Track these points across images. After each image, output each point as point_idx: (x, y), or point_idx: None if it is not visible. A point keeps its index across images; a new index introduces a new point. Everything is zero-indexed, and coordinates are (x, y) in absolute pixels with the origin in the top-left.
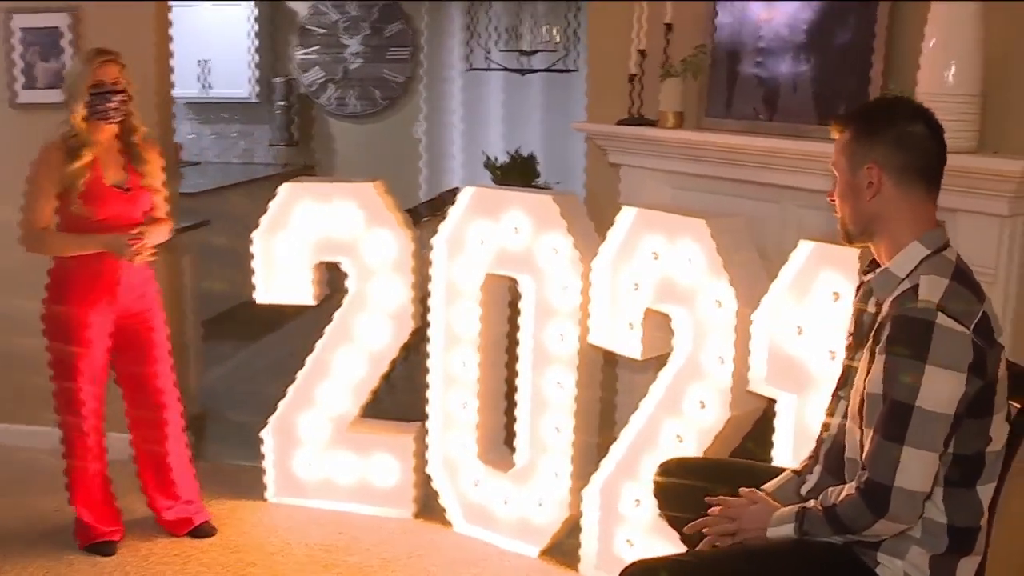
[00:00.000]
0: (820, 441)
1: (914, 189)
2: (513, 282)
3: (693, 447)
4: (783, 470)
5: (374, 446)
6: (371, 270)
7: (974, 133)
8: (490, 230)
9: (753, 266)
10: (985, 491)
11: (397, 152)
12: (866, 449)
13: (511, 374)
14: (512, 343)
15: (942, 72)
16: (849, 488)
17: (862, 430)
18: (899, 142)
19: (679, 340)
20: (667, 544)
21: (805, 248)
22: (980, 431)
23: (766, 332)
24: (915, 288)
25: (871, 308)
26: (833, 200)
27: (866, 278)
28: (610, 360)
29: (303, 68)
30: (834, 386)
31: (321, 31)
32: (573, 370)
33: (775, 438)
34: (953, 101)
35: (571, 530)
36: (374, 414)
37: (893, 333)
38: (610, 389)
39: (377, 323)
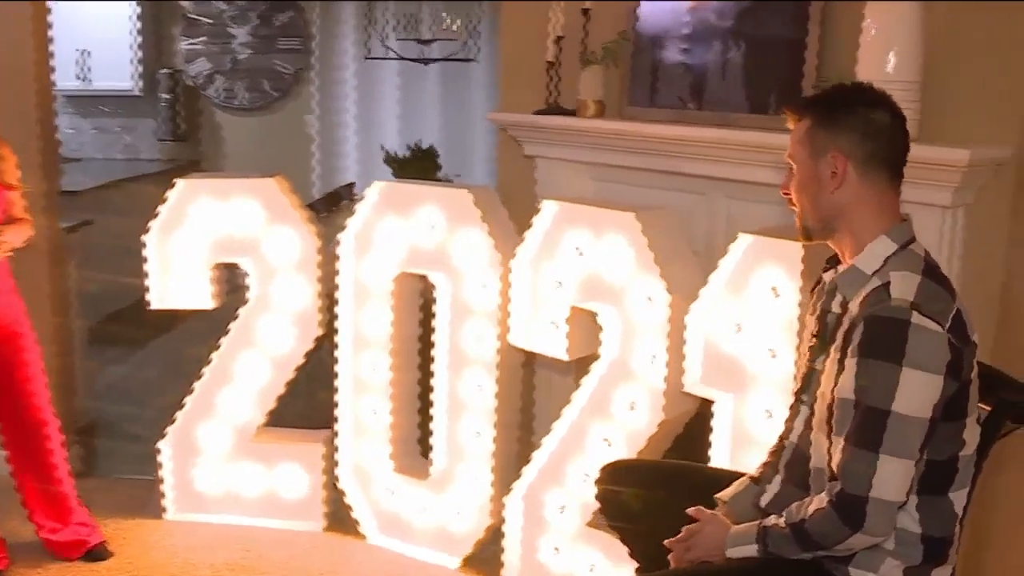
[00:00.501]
0: (779, 448)
1: (879, 180)
2: (426, 281)
3: (623, 451)
4: (737, 474)
5: (280, 456)
6: (273, 270)
7: (915, 122)
8: (401, 226)
9: (686, 261)
10: (958, 497)
11: (289, 146)
12: (837, 459)
13: (426, 377)
14: (426, 345)
15: (882, 59)
16: (819, 501)
17: (830, 439)
18: (864, 130)
19: (607, 339)
20: (594, 551)
21: (743, 241)
22: (954, 435)
23: (702, 330)
24: (886, 286)
25: (836, 308)
26: (787, 194)
27: (827, 276)
28: (528, 362)
29: (189, 59)
30: (794, 390)
31: (207, 21)
32: (493, 372)
33: (712, 440)
34: (893, 88)
35: (493, 538)
36: (278, 422)
37: (865, 335)
38: (529, 392)
39: (281, 326)
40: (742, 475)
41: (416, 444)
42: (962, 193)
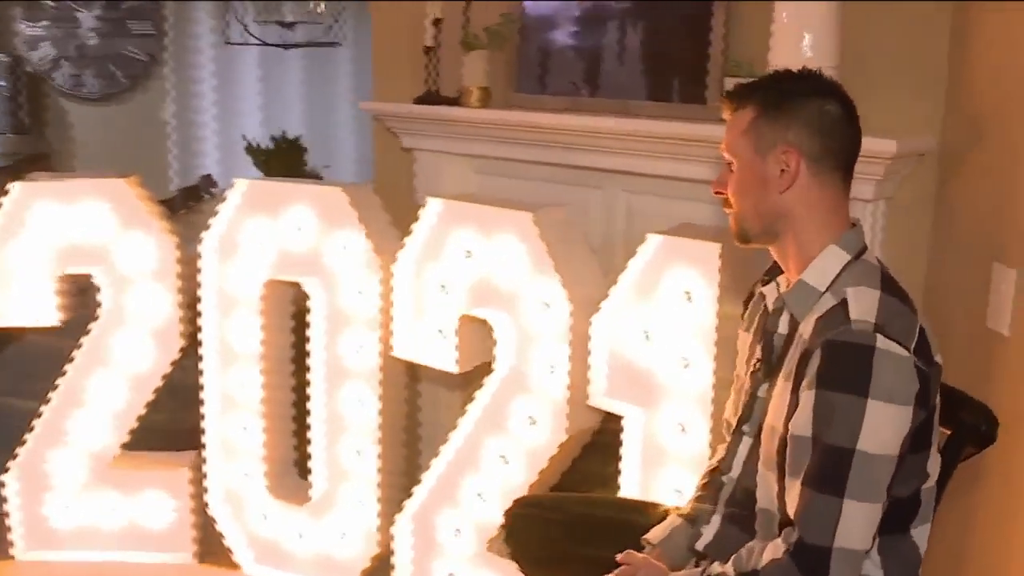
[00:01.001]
0: (713, 482)
1: (832, 180)
2: (299, 288)
3: (522, 468)
4: (661, 509)
5: (142, 483)
6: (128, 280)
7: None
8: (269, 228)
9: (586, 263)
10: (920, 533)
11: (143, 137)
12: (793, 503)
13: (301, 392)
14: (301, 357)
15: (796, 43)
16: (774, 550)
17: (781, 478)
18: (818, 123)
19: (501, 349)
20: (495, 574)
21: (653, 242)
22: (918, 468)
23: (606, 338)
24: (843, 305)
25: (783, 329)
26: (721, 193)
27: (768, 290)
28: (412, 375)
29: (31, 45)
30: (728, 417)
31: (50, 4)
32: (375, 385)
33: (622, 457)
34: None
35: (381, 566)
36: (138, 445)
37: (824, 364)
38: (413, 407)
39: (138, 342)
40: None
41: (293, 465)
42: (884, 186)
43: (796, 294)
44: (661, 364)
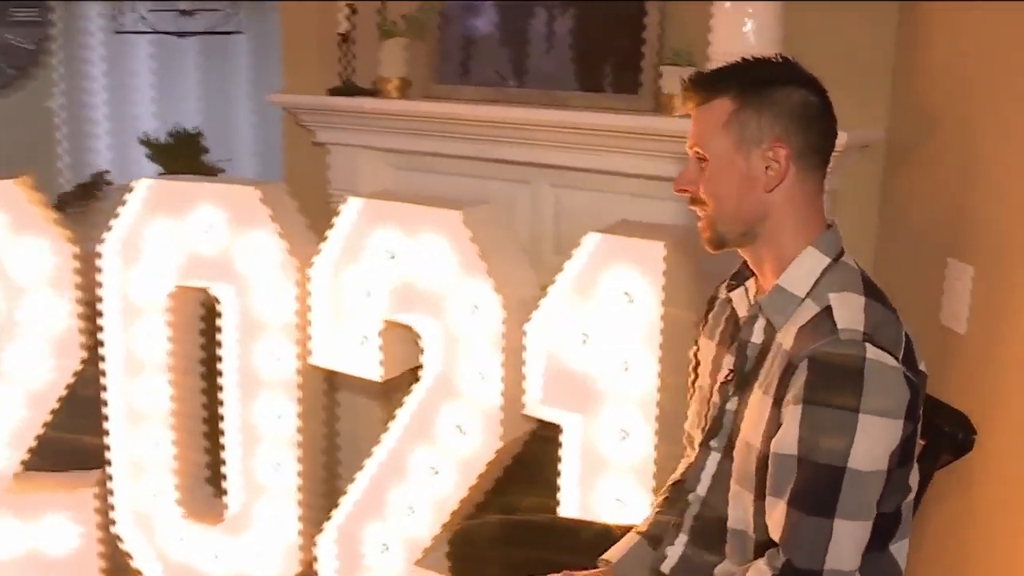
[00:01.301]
0: (675, 499)
1: (812, 177)
2: (209, 293)
3: (452, 479)
4: (617, 528)
5: (43, 506)
6: (20, 289)
7: None
8: (176, 231)
9: (518, 263)
10: (899, 549)
11: (30, 132)
12: (777, 524)
13: (213, 404)
14: (212, 366)
15: (738, 28)
16: (757, 574)
17: (759, 497)
18: (803, 115)
19: (428, 355)
20: None
21: (591, 241)
22: (902, 482)
23: (542, 342)
24: (827, 313)
25: (757, 338)
26: (686, 191)
27: (735, 295)
28: (330, 383)
29: None
30: (701, 433)
31: None
32: (293, 395)
33: (561, 465)
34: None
35: None
36: (38, 465)
37: (812, 378)
38: (332, 417)
39: (35, 354)
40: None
41: (206, 482)
42: (830, 178)
43: (774, 301)
44: (600, 368)
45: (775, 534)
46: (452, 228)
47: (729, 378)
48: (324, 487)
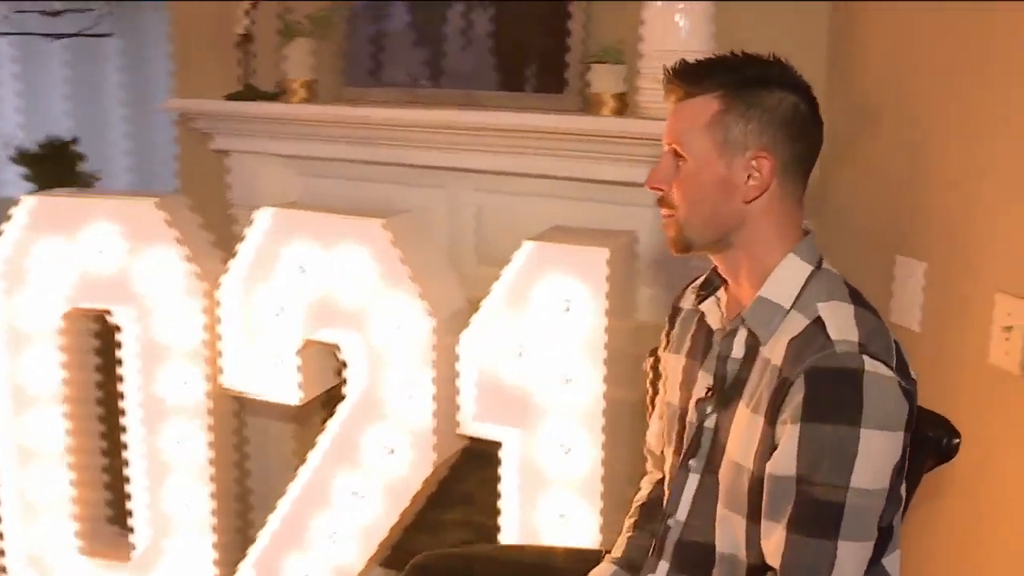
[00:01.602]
0: (652, 523)
1: (794, 187)
2: (104, 317)
3: (379, 504)
4: (588, 552)
5: None
6: None
7: None
8: (66, 251)
9: (443, 273)
10: (892, 562)
11: None
12: (774, 549)
13: (115, 435)
14: (111, 395)
15: (670, 25)
16: None
17: (751, 520)
18: (791, 123)
19: (352, 374)
20: None
21: (525, 249)
22: (896, 495)
23: (474, 357)
24: (818, 324)
25: (737, 352)
26: (659, 189)
27: (707, 307)
28: (238, 408)
29: None
30: (672, 452)
31: None
32: (204, 422)
33: (500, 484)
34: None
35: None
36: None
37: (810, 394)
38: (240, 444)
39: None
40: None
41: (106, 520)
42: None
43: (758, 313)
44: (538, 381)
45: (773, 560)
46: (374, 238)
47: (708, 395)
48: (238, 520)
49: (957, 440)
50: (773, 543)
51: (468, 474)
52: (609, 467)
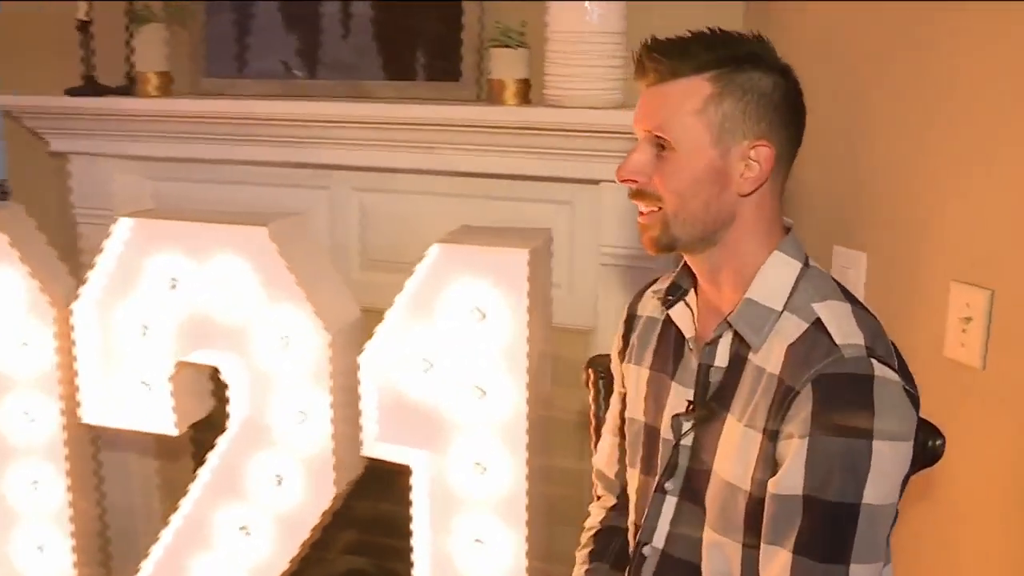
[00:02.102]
0: (616, 549)
1: (781, 179)
2: None
3: (269, 538)
4: None
5: None
6: None
7: (620, 83)
8: None
9: (333, 283)
10: (887, 573)
11: None
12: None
13: None
14: None
15: (581, 7)
16: None
17: (747, 545)
18: (786, 108)
19: (233, 398)
20: None
21: (434, 253)
22: (896, 508)
23: (378, 373)
24: (818, 326)
25: (721, 360)
26: (634, 181)
27: (677, 313)
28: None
29: None
30: (645, 474)
31: None
32: (59, 461)
33: (412, 507)
34: (598, 41)
35: None
36: None
37: (820, 406)
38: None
39: None
40: None
41: None
42: None
43: (747, 316)
44: (449, 396)
45: None
46: (256, 247)
47: (690, 409)
48: (101, 569)
49: (941, 441)
50: (776, 569)
51: (369, 488)
52: (534, 486)
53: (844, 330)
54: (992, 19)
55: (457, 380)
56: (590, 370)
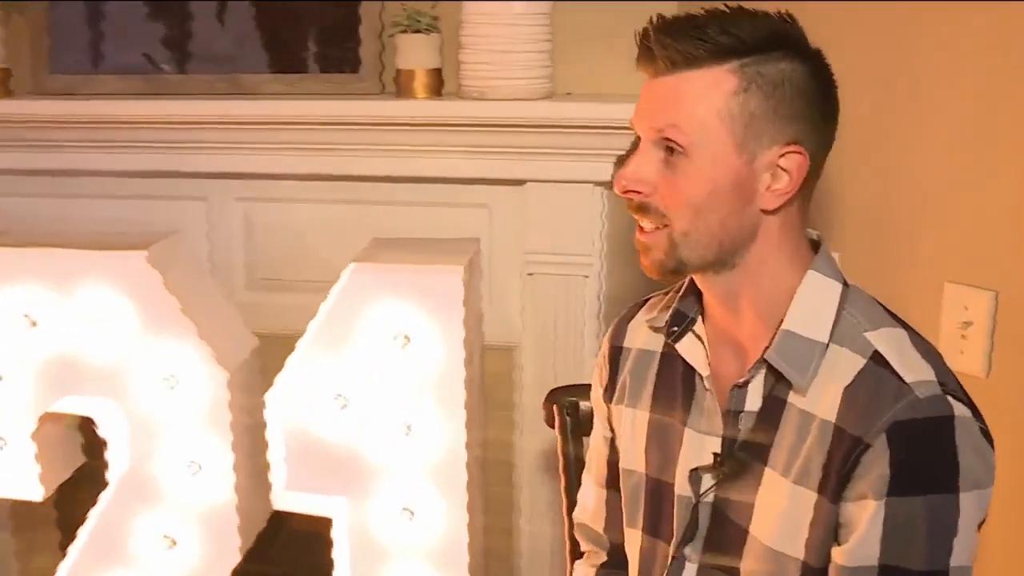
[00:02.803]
0: None
1: (810, 188)
2: None
3: None
4: None
5: None
6: None
7: (548, 71)
8: None
9: (222, 310)
10: None
11: None
12: None
13: None
14: None
15: None
16: None
17: None
18: (823, 105)
19: (111, 450)
20: None
21: (349, 274)
22: None
23: (285, 413)
24: (878, 361)
25: (753, 404)
26: (637, 193)
27: (681, 346)
28: None
29: None
30: (648, 533)
31: None
32: None
33: (333, 559)
34: (525, 24)
35: None
36: None
37: (898, 459)
38: None
39: None
40: None
41: None
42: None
43: (788, 353)
44: (369, 436)
45: None
46: (132, 275)
47: (717, 463)
48: None
49: None
50: None
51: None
52: (475, 531)
53: (909, 364)
54: (992, 17)
55: (379, 417)
56: (554, 406)
